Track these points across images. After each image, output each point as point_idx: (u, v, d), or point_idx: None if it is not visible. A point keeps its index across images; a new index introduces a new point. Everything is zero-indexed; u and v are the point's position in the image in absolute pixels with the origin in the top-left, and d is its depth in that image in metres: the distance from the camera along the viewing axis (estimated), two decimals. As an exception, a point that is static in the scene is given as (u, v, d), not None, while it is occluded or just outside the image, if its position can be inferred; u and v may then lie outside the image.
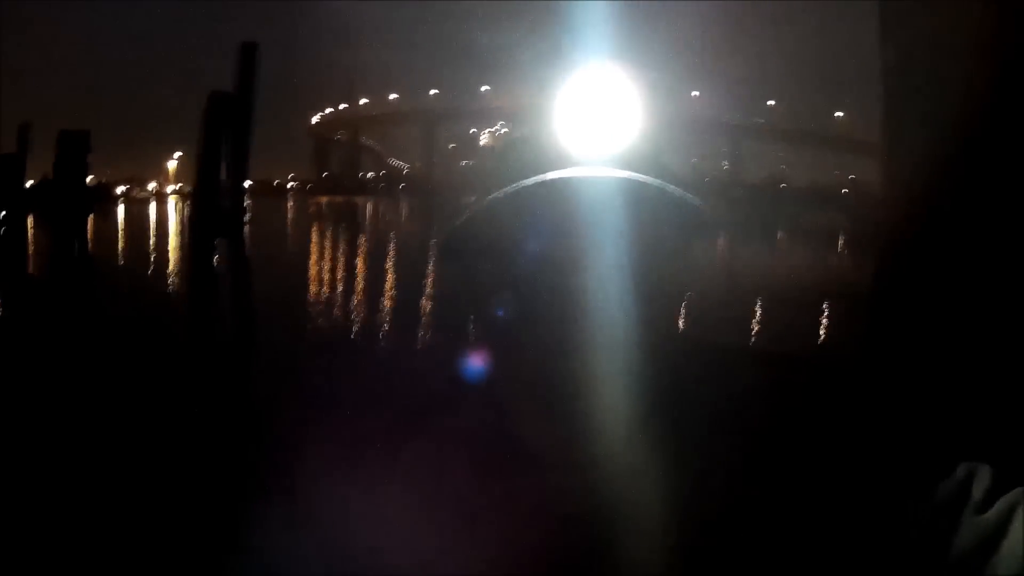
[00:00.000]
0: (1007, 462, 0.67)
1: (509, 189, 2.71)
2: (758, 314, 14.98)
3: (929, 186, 2.82)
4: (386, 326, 12.78)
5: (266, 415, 7.40)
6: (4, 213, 13.15)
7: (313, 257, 25.44)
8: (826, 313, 14.05)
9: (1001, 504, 0.54)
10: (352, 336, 12.29)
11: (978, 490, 0.56)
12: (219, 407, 7.68)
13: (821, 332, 12.99)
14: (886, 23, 3.24)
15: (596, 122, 2.82)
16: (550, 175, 2.61)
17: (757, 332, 13.07)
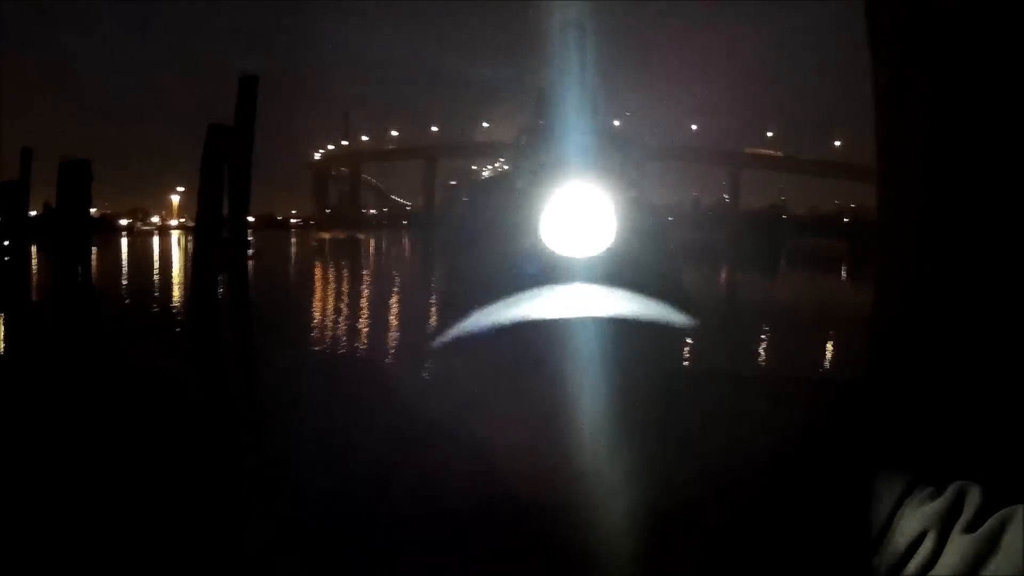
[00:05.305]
0: (997, 480, 0.66)
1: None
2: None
3: (926, 211, 2.81)
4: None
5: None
6: (8, 242, 13.14)
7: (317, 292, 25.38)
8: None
9: (992, 522, 0.52)
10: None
11: (969, 508, 0.54)
12: (219, 436, 7.59)
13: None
14: (878, 47, 3.25)
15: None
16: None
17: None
